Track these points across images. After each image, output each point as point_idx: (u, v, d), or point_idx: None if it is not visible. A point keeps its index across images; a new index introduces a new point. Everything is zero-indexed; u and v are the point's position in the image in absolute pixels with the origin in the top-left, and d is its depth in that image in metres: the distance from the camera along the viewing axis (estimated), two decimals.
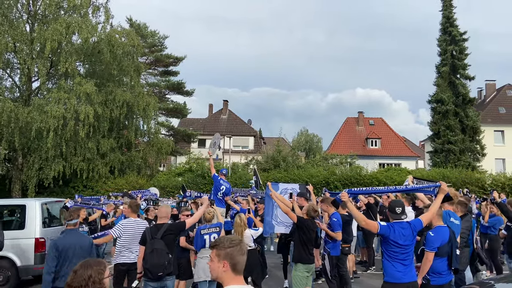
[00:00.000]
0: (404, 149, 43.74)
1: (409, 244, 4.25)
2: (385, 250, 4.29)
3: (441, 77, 31.93)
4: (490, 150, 32.75)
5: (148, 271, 4.80)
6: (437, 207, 4.60)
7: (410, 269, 4.25)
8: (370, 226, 4.31)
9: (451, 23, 32.26)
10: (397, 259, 4.20)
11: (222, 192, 8.63)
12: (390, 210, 4.40)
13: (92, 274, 2.48)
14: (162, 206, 5.59)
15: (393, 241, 4.17)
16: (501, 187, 19.80)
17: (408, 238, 4.22)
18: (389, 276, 4.22)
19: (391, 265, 4.21)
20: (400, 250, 4.19)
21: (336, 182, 21.28)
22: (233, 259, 2.21)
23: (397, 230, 4.20)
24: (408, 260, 4.24)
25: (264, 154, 29.21)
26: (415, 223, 4.34)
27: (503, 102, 42.21)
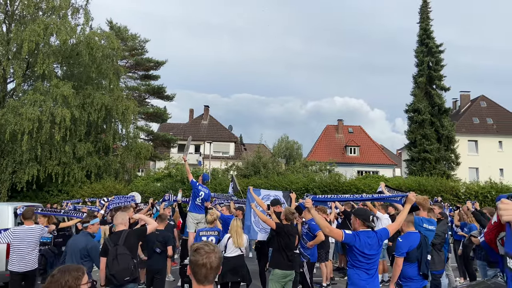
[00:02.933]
0: (381, 157, 44.50)
1: (375, 253, 4.19)
2: (350, 258, 4.23)
3: (418, 87, 32.76)
4: (464, 159, 33.72)
5: (113, 277, 4.63)
6: (404, 216, 4.61)
7: (374, 278, 4.22)
8: (334, 234, 4.22)
9: (428, 35, 33.22)
10: (362, 268, 4.15)
11: (201, 198, 8.55)
12: (364, 219, 4.31)
13: (69, 280, 2.45)
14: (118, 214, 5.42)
15: (359, 250, 4.11)
16: (474, 195, 20.34)
17: (374, 247, 4.16)
18: (353, 284, 4.19)
19: (356, 274, 4.16)
20: (365, 259, 4.13)
21: (316, 189, 21.43)
22: (193, 267, 2.22)
23: (362, 239, 4.14)
24: (372, 270, 4.20)
25: (244, 160, 29.18)
26: (381, 233, 4.30)
27: (477, 113, 43.57)
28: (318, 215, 4.39)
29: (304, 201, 4.46)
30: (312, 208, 4.39)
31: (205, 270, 2.19)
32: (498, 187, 21.02)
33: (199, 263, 2.19)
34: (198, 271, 2.19)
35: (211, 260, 2.20)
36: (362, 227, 4.30)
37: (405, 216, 4.69)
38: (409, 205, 4.59)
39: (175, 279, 9.33)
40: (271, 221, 5.97)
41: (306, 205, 4.41)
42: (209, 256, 2.21)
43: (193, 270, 2.21)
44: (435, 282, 5.87)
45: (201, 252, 2.22)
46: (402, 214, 4.64)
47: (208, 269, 2.19)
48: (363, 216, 4.33)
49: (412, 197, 4.61)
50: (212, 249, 2.25)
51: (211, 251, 2.24)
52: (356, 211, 4.61)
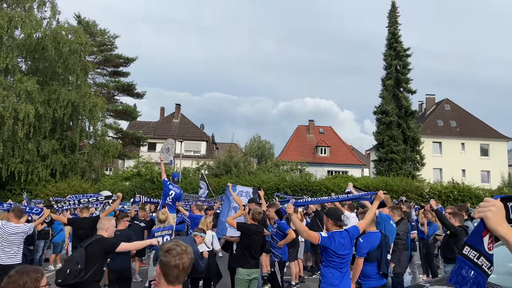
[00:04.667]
0: (351, 157, 45.42)
1: (348, 252, 4.32)
2: (324, 258, 4.34)
3: (386, 90, 33.62)
4: (428, 160, 34.93)
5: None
6: (373, 213, 4.78)
7: (346, 276, 4.36)
8: (311, 237, 4.31)
9: (396, 39, 34.14)
10: (335, 267, 4.27)
11: (171, 197, 8.47)
12: (336, 219, 4.43)
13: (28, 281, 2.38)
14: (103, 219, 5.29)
15: (333, 251, 4.23)
16: (438, 195, 21.12)
17: (347, 246, 4.30)
18: (327, 283, 4.30)
19: (330, 273, 4.28)
20: (339, 259, 4.26)
21: (287, 188, 21.63)
22: (163, 268, 2.18)
23: (337, 240, 4.25)
24: (345, 268, 4.33)
25: (216, 159, 29.07)
26: (352, 231, 4.44)
27: (441, 116, 45.26)
28: (299, 221, 4.50)
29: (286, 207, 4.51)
30: (293, 213, 4.45)
31: (177, 271, 2.16)
32: (460, 187, 21.92)
33: (171, 264, 2.15)
34: (169, 272, 2.16)
35: (183, 261, 2.17)
36: (334, 227, 4.43)
37: (374, 213, 4.86)
38: (378, 202, 4.77)
39: (142, 279, 9.19)
40: (232, 221, 6.02)
41: (288, 211, 4.45)
42: (181, 257, 2.18)
43: (164, 271, 2.17)
44: (398, 280, 6.07)
45: (173, 253, 2.18)
46: (371, 211, 4.82)
47: (180, 270, 2.17)
48: (334, 216, 4.46)
49: (381, 194, 4.81)
50: (184, 249, 2.22)
51: (183, 251, 2.21)
52: (327, 211, 4.72)
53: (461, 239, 7.00)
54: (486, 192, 22.06)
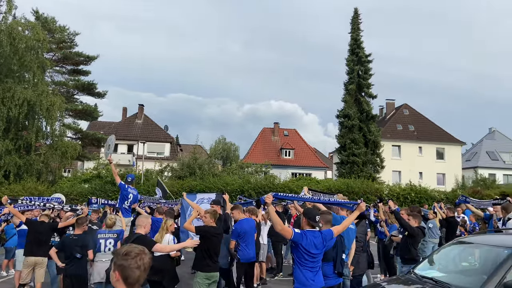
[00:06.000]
0: (314, 160, 46.20)
1: (319, 252, 4.41)
2: (296, 257, 4.42)
3: (348, 94, 34.50)
4: (388, 163, 36.16)
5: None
6: (350, 221, 4.94)
7: (318, 275, 4.44)
8: (285, 231, 4.39)
9: (358, 45, 35.13)
10: (306, 266, 4.34)
11: (129, 201, 8.25)
12: (310, 219, 4.51)
13: None
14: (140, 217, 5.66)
15: (304, 248, 4.30)
16: (396, 197, 21.90)
17: (319, 246, 4.38)
18: (299, 283, 4.37)
19: (301, 272, 4.35)
20: (310, 258, 4.33)
21: (251, 190, 21.69)
22: (124, 271, 2.13)
23: (309, 238, 4.34)
24: (316, 267, 4.41)
25: (180, 161, 28.67)
26: (326, 233, 4.53)
27: (401, 120, 47.00)
28: (275, 213, 4.51)
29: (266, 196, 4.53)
30: (270, 204, 4.47)
31: (139, 272, 2.13)
32: (417, 189, 22.84)
33: (132, 267, 2.12)
34: (131, 274, 2.12)
35: (144, 262, 2.15)
36: (307, 226, 4.51)
37: (351, 221, 5.06)
38: (358, 212, 4.96)
39: None
40: (191, 226, 5.97)
41: (266, 200, 4.46)
42: (142, 258, 2.15)
43: (125, 274, 2.12)
44: (356, 281, 6.22)
45: (132, 254, 2.15)
46: (349, 219, 5.01)
47: (141, 271, 2.14)
48: (309, 215, 4.55)
49: (363, 206, 5.01)
50: (142, 250, 2.20)
51: (142, 252, 2.19)
52: (304, 211, 4.82)
53: (418, 239, 7.28)
54: (441, 194, 23.10)
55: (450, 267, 5.35)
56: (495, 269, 4.16)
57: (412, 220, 7.17)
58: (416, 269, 5.09)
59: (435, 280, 4.47)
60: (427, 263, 5.29)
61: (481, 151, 49.45)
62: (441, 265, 5.30)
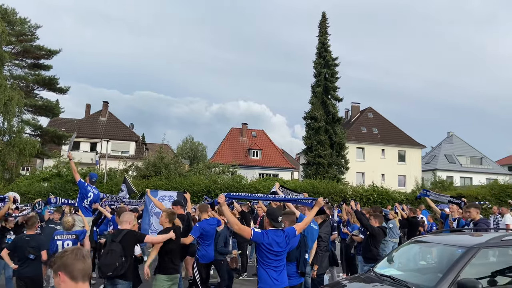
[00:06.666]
0: (281, 160, 46.63)
1: (282, 250, 4.42)
2: (259, 257, 4.40)
3: (315, 97, 35.05)
4: (352, 164, 37.02)
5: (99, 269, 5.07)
6: (311, 217, 4.98)
7: (282, 274, 4.45)
8: (243, 231, 4.35)
9: (325, 48, 35.76)
10: (270, 265, 4.34)
11: (89, 200, 8.00)
12: (272, 219, 4.50)
13: None
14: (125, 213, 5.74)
15: (267, 247, 4.30)
16: (359, 197, 22.49)
17: (282, 245, 4.39)
18: (263, 282, 4.36)
19: (265, 272, 4.34)
20: (274, 256, 4.33)
21: (217, 190, 21.60)
22: (67, 267, 2.10)
23: (271, 236, 4.34)
24: (280, 266, 4.42)
25: (145, 160, 28.10)
26: (289, 231, 4.55)
27: (365, 123, 48.30)
28: (230, 213, 4.49)
29: (218, 198, 4.49)
30: (224, 204, 4.44)
31: (82, 264, 2.11)
32: (379, 190, 23.54)
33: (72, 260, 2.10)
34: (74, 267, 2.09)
35: (83, 253, 2.15)
36: (269, 226, 4.51)
37: (312, 217, 5.08)
38: (317, 208, 4.99)
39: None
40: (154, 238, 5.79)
41: (219, 201, 4.43)
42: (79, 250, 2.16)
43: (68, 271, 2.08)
44: (318, 279, 6.32)
45: (68, 249, 2.17)
46: (310, 215, 5.03)
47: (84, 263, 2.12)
48: (271, 216, 4.54)
49: (321, 201, 5.03)
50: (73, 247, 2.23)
51: (77, 247, 2.22)
52: (267, 210, 4.82)
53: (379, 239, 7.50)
54: (402, 195, 23.92)
55: (408, 266, 5.53)
56: (450, 267, 4.32)
57: (373, 220, 7.37)
58: (375, 268, 5.22)
59: (393, 278, 4.61)
60: (386, 262, 5.44)
61: (440, 154, 51.63)
62: (399, 263, 5.47)
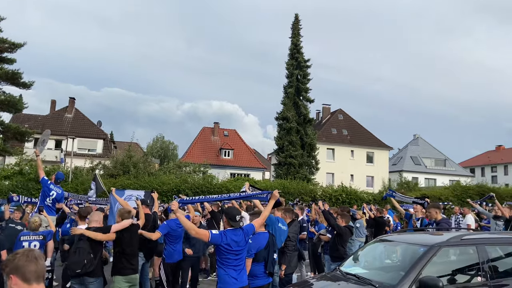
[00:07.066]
0: (253, 160, 46.72)
1: (242, 249, 4.39)
2: (219, 257, 4.38)
3: (287, 97, 35.34)
4: (323, 165, 37.58)
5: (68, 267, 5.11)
6: (268, 211, 4.96)
7: (242, 274, 4.42)
8: (200, 235, 4.29)
9: (298, 50, 36.11)
10: (230, 265, 4.31)
11: (52, 198, 7.72)
12: (230, 218, 4.47)
13: None
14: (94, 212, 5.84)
15: (226, 248, 4.27)
16: (329, 198, 22.81)
17: (241, 243, 4.37)
18: (223, 282, 4.33)
19: (224, 272, 4.32)
20: (233, 256, 4.31)
21: (188, 190, 21.36)
22: (19, 269, 2.04)
23: (229, 236, 4.31)
24: (240, 266, 4.40)
25: (113, 158, 27.42)
26: (247, 229, 4.54)
27: (335, 124, 49.15)
28: (185, 219, 4.43)
29: (171, 204, 4.41)
30: (178, 210, 4.37)
31: (34, 265, 2.05)
32: (348, 191, 23.96)
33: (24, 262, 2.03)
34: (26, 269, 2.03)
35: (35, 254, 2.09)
36: (228, 225, 4.49)
37: (269, 211, 5.04)
38: (273, 201, 4.97)
39: None
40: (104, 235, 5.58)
41: (172, 208, 4.35)
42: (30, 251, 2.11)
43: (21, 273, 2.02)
44: (286, 279, 6.36)
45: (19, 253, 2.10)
46: (267, 209, 4.99)
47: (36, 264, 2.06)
48: (229, 215, 4.51)
49: (276, 194, 5.02)
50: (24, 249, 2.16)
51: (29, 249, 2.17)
52: (225, 210, 4.79)
53: (346, 238, 7.63)
54: (369, 195, 24.45)
55: (373, 264, 5.65)
56: (412, 265, 4.45)
57: (340, 220, 7.49)
58: (342, 266, 5.30)
59: (358, 277, 4.69)
60: (351, 261, 5.53)
61: (406, 156, 53.23)
62: (365, 262, 5.57)
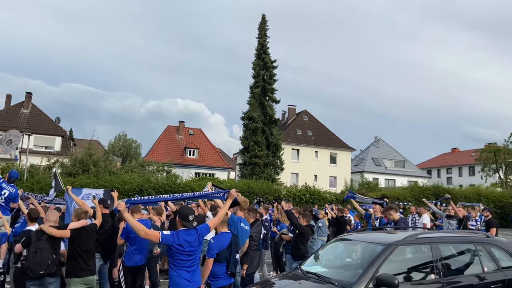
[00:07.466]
0: (219, 160, 46.50)
1: (195, 249, 4.29)
2: (170, 258, 4.25)
3: (253, 97, 35.43)
4: (287, 165, 37.96)
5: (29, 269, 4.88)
6: (225, 211, 4.89)
7: (195, 275, 4.32)
8: (150, 236, 4.15)
9: (264, 50, 36.27)
10: (182, 266, 4.20)
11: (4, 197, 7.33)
12: (183, 218, 4.34)
13: None
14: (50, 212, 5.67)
15: (178, 248, 4.15)
16: (293, 197, 23.14)
17: (194, 244, 4.26)
18: (175, 284, 4.21)
19: (176, 274, 4.20)
20: (186, 257, 4.20)
21: (150, 189, 21.02)
22: None
23: (182, 237, 4.19)
24: (193, 266, 4.30)
25: (72, 157, 26.42)
26: (201, 229, 4.45)
27: (300, 125, 49.83)
28: (134, 220, 4.24)
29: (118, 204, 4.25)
30: (125, 211, 4.22)
31: None
32: (311, 191, 24.41)
33: None
34: None
35: None
36: (181, 226, 4.37)
37: (226, 211, 4.97)
38: (231, 200, 4.90)
39: None
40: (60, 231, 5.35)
41: (119, 208, 4.19)
42: None
43: None
44: (248, 278, 6.35)
45: None
46: (223, 209, 4.90)
47: None
48: (181, 215, 4.39)
49: (233, 193, 4.94)
50: None
51: None
52: (178, 210, 4.66)
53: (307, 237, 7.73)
54: (332, 195, 25.01)
55: (334, 263, 5.75)
56: (370, 263, 4.56)
57: (302, 219, 7.58)
58: (303, 265, 5.36)
59: (318, 275, 4.75)
60: (312, 259, 5.60)
61: (367, 157, 54.84)
62: (326, 261, 5.66)
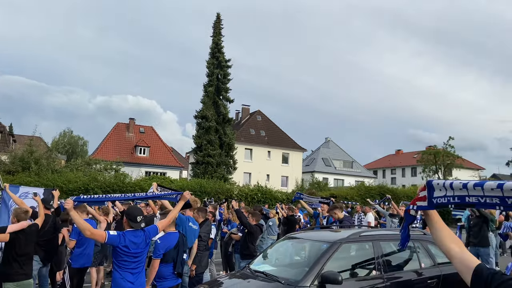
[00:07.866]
0: (170, 159, 45.67)
1: (141, 251, 4.23)
2: (115, 259, 4.17)
3: (207, 96, 35.19)
4: (240, 165, 38.09)
5: None
6: (176, 213, 4.86)
7: (139, 277, 4.25)
8: (96, 236, 4.05)
9: (219, 49, 36.13)
10: (127, 268, 4.12)
11: None
12: (131, 219, 4.26)
13: None
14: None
15: (123, 250, 4.08)
16: (245, 197, 23.26)
17: (140, 245, 4.20)
18: (117, 286, 4.12)
19: (120, 275, 4.11)
20: (131, 258, 4.13)
21: (97, 189, 20.26)
22: None
23: (128, 238, 4.13)
24: (138, 268, 4.23)
25: (11, 153, 24.82)
26: (150, 230, 4.39)
27: (254, 125, 50.20)
28: (79, 218, 4.10)
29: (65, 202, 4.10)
30: (72, 209, 4.06)
31: None
32: (263, 190, 24.67)
33: None
34: None
35: None
36: (128, 226, 4.30)
37: (177, 212, 4.92)
38: (183, 202, 4.87)
39: None
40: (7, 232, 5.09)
41: (66, 206, 4.04)
42: None
43: None
44: (197, 278, 6.32)
45: None
46: (175, 210, 4.88)
47: None
48: (129, 216, 4.31)
49: (186, 195, 4.91)
50: None
51: None
52: (126, 210, 4.56)
53: (256, 236, 7.82)
54: (283, 194, 25.42)
55: (282, 261, 5.86)
56: (315, 261, 4.70)
57: (251, 218, 7.68)
58: (251, 264, 5.42)
59: (266, 274, 4.83)
60: (261, 258, 5.68)
61: (318, 157, 56.36)
62: (275, 259, 5.76)
